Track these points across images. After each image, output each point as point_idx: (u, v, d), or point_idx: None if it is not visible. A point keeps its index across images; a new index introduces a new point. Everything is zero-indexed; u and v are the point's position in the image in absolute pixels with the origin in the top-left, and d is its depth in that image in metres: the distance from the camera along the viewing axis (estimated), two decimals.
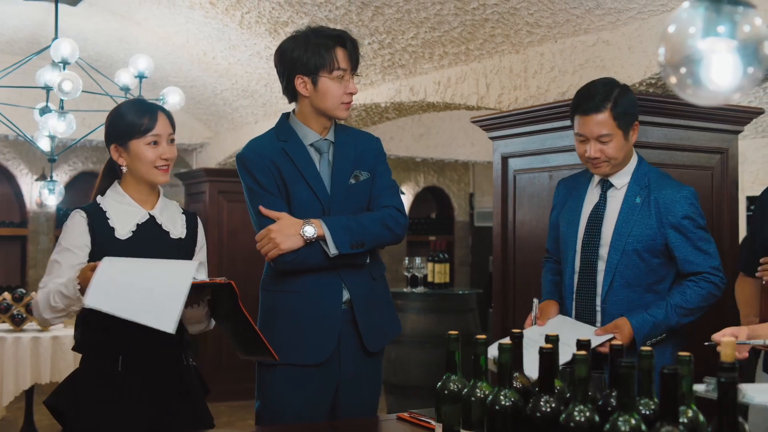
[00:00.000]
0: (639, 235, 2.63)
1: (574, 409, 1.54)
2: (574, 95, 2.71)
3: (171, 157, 2.53)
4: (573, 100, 2.70)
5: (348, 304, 2.68)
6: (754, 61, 1.12)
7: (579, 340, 1.77)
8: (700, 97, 1.13)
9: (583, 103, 2.63)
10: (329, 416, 2.67)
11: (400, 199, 2.78)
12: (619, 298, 2.64)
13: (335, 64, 2.61)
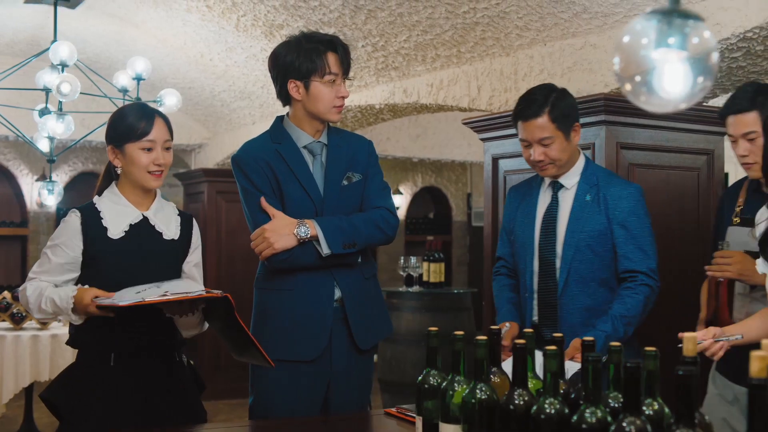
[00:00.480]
0: (591, 231, 2.72)
1: (545, 402, 1.61)
2: (516, 103, 2.79)
3: (165, 163, 2.60)
4: (514, 108, 2.78)
5: (340, 302, 2.75)
6: (703, 71, 1.18)
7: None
8: (652, 104, 1.20)
9: (523, 110, 2.73)
10: (321, 411, 2.74)
11: (391, 201, 2.86)
12: (574, 293, 2.72)
13: (326, 68, 2.69)
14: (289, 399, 2.70)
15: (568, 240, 2.73)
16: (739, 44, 3.19)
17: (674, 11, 1.19)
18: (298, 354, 2.70)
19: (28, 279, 2.57)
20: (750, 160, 2.62)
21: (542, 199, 2.86)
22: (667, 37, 1.18)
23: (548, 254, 2.78)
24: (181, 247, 2.68)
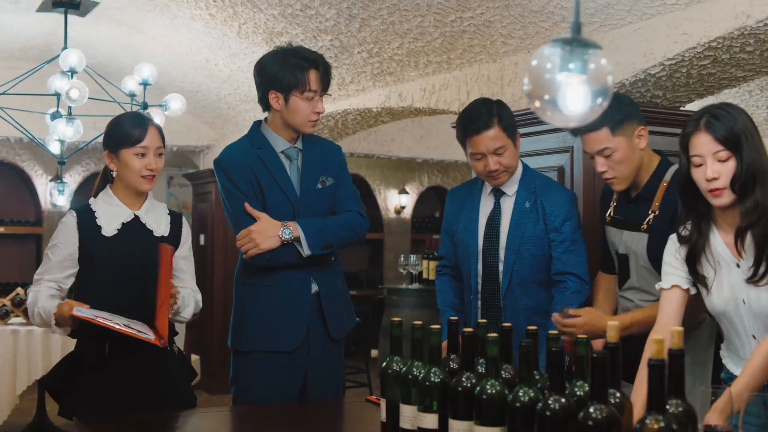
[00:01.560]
0: (530, 236, 2.91)
1: (487, 384, 1.79)
2: (459, 121, 2.95)
3: (156, 168, 2.81)
4: (459, 125, 2.94)
5: (316, 296, 2.95)
6: (600, 92, 1.37)
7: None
8: (557, 120, 1.38)
9: (472, 125, 2.89)
10: (299, 398, 2.94)
11: (362, 204, 3.07)
12: (516, 295, 2.92)
13: (307, 85, 2.87)
14: (269, 387, 2.89)
15: (509, 245, 2.92)
16: (706, 53, 3.35)
17: (575, 40, 1.38)
18: (278, 345, 2.90)
19: (34, 281, 2.79)
20: (610, 175, 2.72)
21: (484, 206, 3.04)
22: (569, 63, 1.36)
23: (491, 259, 2.97)
24: (170, 243, 2.86)
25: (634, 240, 2.74)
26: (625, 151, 2.66)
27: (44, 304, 2.69)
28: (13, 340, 5.32)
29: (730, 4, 3.14)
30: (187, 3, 4.87)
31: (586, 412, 1.54)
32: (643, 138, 2.71)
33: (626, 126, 2.66)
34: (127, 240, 2.79)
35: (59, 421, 5.75)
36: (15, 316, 5.52)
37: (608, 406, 1.54)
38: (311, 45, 4.95)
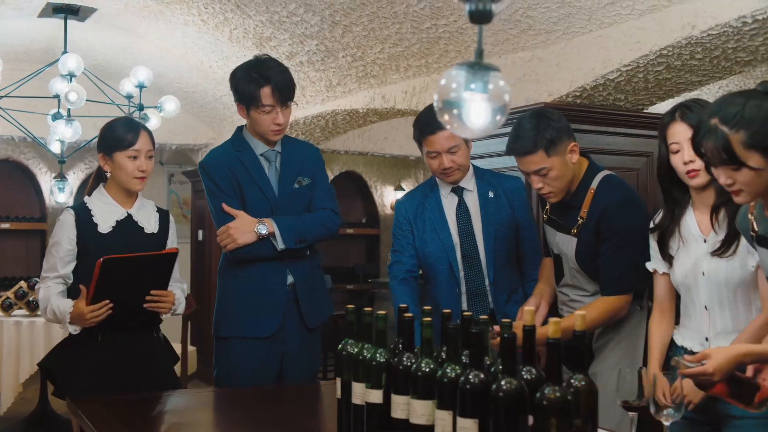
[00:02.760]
0: (502, 221, 3.16)
1: (422, 362, 2.02)
2: (416, 123, 3.17)
3: (147, 170, 3.05)
4: (417, 126, 3.17)
5: (291, 287, 3.19)
6: (499, 109, 1.59)
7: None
8: (464, 131, 1.61)
9: (430, 125, 3.09)
10: (276, 382, 3.18)
11: (335, 202, 3.30)
12: (500, 276, 3.15)
13: (260, 102, 3.09)
14: (248, 371, 3.13)
15: (486, 232, 3.15)
16: (659, 60, 3.57)
17: (478, 64, 1.60)
18: (256, 331, 3.14)
19: (41, 278, 3.04)
20: (546, 191, 2.88)
21: (448, 204, 3.24)
22: (472, 83, 1.59)
23: (470, 250, 3.18)
24: (160, 238, 3.12)
25: (564, 242, 2.95)
26: (560, 168, 2.83)
27: (58, 303, 2.92)
28: (17, 331, 5.59)
29: (677, 16, 3.36)
30: (180, 9, 5.10)
31: (498, 384, 1.77)
32: (575, 153, 2.87)
33: (559, 145, 2.81)
34: (121, 236, 3.03)
35: (61, 409, 6.01)
36: (18, 309, 5.78)
37: (518, 381, 1.77)
38: (298, 50, 5.19)
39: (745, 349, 2.14)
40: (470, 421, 1.82)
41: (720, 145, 2.07)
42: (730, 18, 3.16)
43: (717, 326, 2.49)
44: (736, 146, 2.05)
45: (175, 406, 2.86)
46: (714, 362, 2.09)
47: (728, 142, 2.06)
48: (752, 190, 2.11)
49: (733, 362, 2.09)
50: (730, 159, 2.07)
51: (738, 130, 2.05)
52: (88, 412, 2.55)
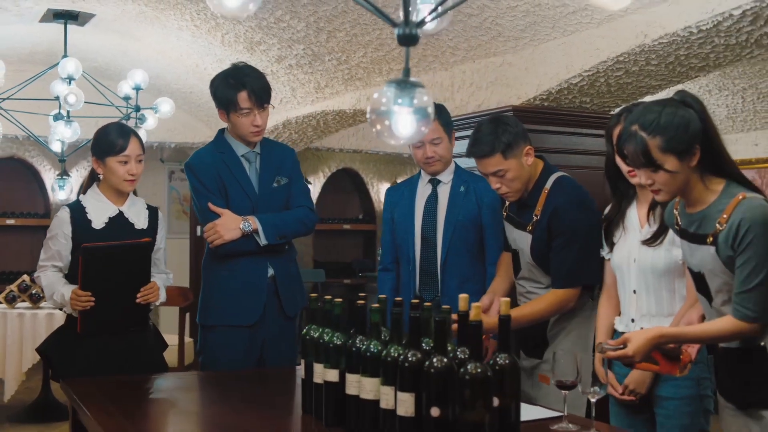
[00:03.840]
0: (466, 214, 3.40)
1: (370, 344, 2.26)
2: None
3: (137, 173, 3.30)
4: None
5: (272, 279, 3.43)
6: (423, 120, 1.83)
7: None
8: (394, 139, 1.85)
9: None
10: (257, 366, 3.42)
11: (311, 201, 3.57)
12: (453, 263, 3.39)
13: (238, 105, 3.34)
14: (231, 356, 3.38)
15: (447, 221, 3.41)
16: (617, 65, 3.80)
17: (405, 81, 1.84)
18: (239, 319, 3.39)
19: (40, 267, 3.30)
20: (504, 191, 3.11)
21: (422, 192, 3.53)
22: (400, 98, 1.83)
23: (429, 233, 3.44)
24: (149, 233, 3.37)
25: (521, 238, 3.18)
26: (516, 170, 3.05)
27: (63, 291, 3.20)
28: (20, 322, 5.86)
29: (631, 25, 3.59)
30: (174, 15, 5.35)
31: (429, 361, 2.01)
32: (530, 155, 3.10)
33: (515, 149, 3.04)
34: (113, 232, 3.29)
35: (63, 398, 6.27)
36: (21, 301, 6.05)
37: (449, 360, 2.01)
38: (287, 53, 5.43)
39: (661, 332, 2.38)
40: (407, 394, 2.06)
41: (639, 149, 2.31)
42: (677, 28, 3.39)
43: (642, 309, 2.74)
44: (654, 150, 2.30)
45: (161, 387, 3.11)
46: (633, 345, 2.33)
47: (646, 147, 2.30)
48: (670, 190, 2.36)
49: (650, 344, 2.33)
50: (648, 162, 2.31)
51: (655, 135, 2.29)
52: (80, 393, 2.80)
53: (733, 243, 2.27)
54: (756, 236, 2.24)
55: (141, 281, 3.23)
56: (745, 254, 2.26)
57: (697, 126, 2.31)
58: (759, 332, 2.32)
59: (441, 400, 1.99)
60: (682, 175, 2.33)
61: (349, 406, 2.30)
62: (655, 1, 3.44)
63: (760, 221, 2.25)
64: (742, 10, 3.15)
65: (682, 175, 2.32)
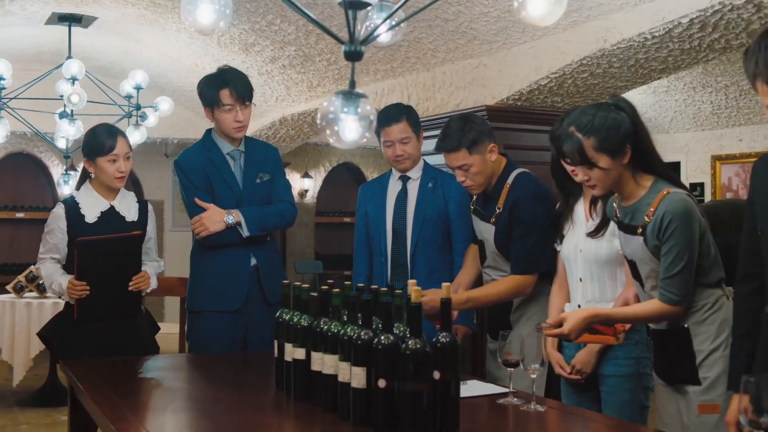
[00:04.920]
0: (434, 208, 3.65)
1: (331, 325, 2.51)
2: (378, 115, 3.67)
3: (125, 170, 3.57)
4: (377, 120, 3.66)
5: (255, 268, 3.69)
6: (365, 126, 2.09)
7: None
8: (342, 144, 2.10)
9: (387, 117, 3.66)
10: (240, 350, 3.68)
11: (292, 196, 3.82)
12: (421, 255, 3.65)
13: (221, 102, 3.60)
14: (216, 340, 3.64)
15: (416, 215, 3.66)
16: (581, 68, 4.05)
17: (351, 93, 2.10)
18: (224, 305, 3.65)
19: (39, 259, 3.58)
20: (468, 184, 3.34)
21: (392, 188, 3.79)
22: (346, 107, 2.08)
23: (400, 227, 3.70)
24: (139, 226, 3.63)
25: (486, 229, 3.42)
26: (480, 165, 3.30)
27: (61, 281, 3.48)
28: (27, 311, 6.17)
29: (593, 30, 3.83)
30: (172, 18, 5.61)
31: (377, 339, 2.26)
32: (494, 152, 3.34)
33: (480, 145, 3.28)
34: (105, 225, 3.56)
35: None
36: (29, 291, 6.35)
37: (395, 338, 2.26)
38: (280, 54, 5.69)
39: (593, 312, 2.64)
40: (360, 369, 2.31)
41: (575, 148, 2.57)
42: (633, 34, 3.63)
43: (588, 295, 2.99)
44: (588, 150, 2.55)
45: (151, 367, 3.37)
46: (569, 324, 2.59)
47: (582, 146, 2.55)
48: (604, 185, 2.61)
49: (583, 323, 2.59)
50: (583, 160, 2.57)
51: (589, 136, 2.55)
52: (77, 372, 3.07)
53: (658, 233, 2.53)
54: (677, 227, 2.50)
55: (132, 270, 3.50)
56: (669, 243, 2.51)
57: (628, 127, 2.57)
58: (682, 315, 2.58)
59: (387, 373, 2.24)
60: (615, 172, 2.58)
61: (314, 381, 2.56)
62: (614, 9, 3.68)
63: (680, 214, 2.50)
64: (689, 18, 3.38)
65: (614, 171, 2.58)
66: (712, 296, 2.60)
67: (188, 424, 2.51)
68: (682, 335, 2.60)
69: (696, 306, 2.59)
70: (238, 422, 2.41)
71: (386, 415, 2.22)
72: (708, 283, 2.60)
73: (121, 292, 3.49)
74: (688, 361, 2.60)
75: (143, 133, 6.29)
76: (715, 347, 2.57)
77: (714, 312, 2.59)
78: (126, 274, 3.49)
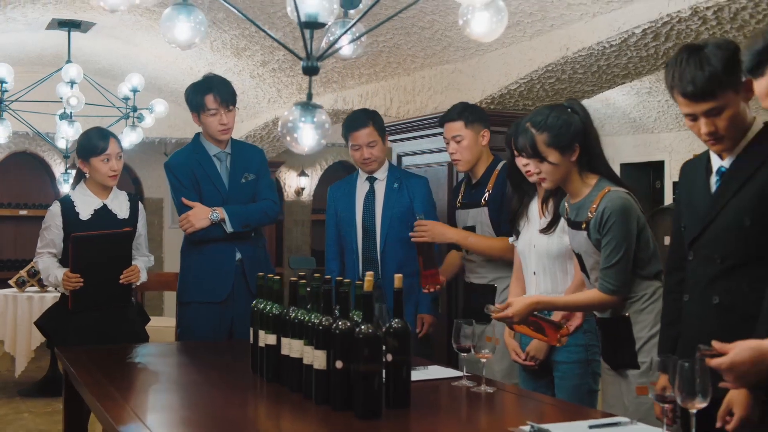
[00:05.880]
0: (400, 208, 3.92)
1: (297, 313, 2.76)
2: (344, 122, 3.95)
3: (117, 169, 3.83)
4: (344, 125, 3.94)
5: (239, 262, 3.95)
6: (321, 133, 2.33)
7: None
8: (298, 149, 2.35)
9: (354, 123, 3.93)
10: (227, 339, 3.94)
11: (276, 194, 4.07)
12: (391, 250, 3.90)
13: (206, 106, 3.85)
14: (204, 329, 3.90)
15: (385, 213, 3.92)
16: (548, 74, 4.29)
17: (308, 104, 2.34)
18: (210, 297, 3.90)
19: (37, 254, 3.84)
20: (457, 157, 3.74)
21: (360, 189, 4.05)
22: (303, 116, 2.33)
23: (369, 225, 3.95)
24: (130, 222, 3.90)
25: (478, 214, 3.71)
26: (470, 140, 3.69)
27: (57, 273, 3.74)
28: (29, 304, 6.44)
29: (556, 39, 4.07)
30: None
31: (335, 324, 2.50)
32: (485, 137, 3.74)
33: (475, 124, 3.71)
34: (98, 222, 3.82)
35: None
36: (30, 285, 6.62)
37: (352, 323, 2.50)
38: (269, 59, 5.94)
39: (538, 299, 2.89)
40: (320, 351, 2.56)
41: (528, 142, 2.83)
42: (592, 42, 3.86)
43: (540, 287, 3.23)
44: (540, 145, 2.81)
45: (140, 354, 3.63)
46: (513, 309, 2.84)
47: (534, 141, 2.81)
48: (552, 179, 2.87)
49: (527, 309, 2.84)
50: (535, 154, 2.83)
51: (542, 132, 2.81)
52: (71, 359, 3.32)
53: (599, 228, 2.78)
54: (615, 222, 2.75)
55: (123, 264, 3.76)
56: (607, 236, 2.76)
57: (578, 127, 2.83)
58: (619, 304, 2.82)
59: (343, 356, 2.48)
60: (563, 168, 2.84)
61: (283, 364, 2.80)
62: (575, 19, 3.92)
63: (619, 210, 2.76)
64: (642, 28, 3.62)
65: (563, 167, 2.83)
66: (650, 287, 2.85)
67: (168, 402, 2.77)
68: (624, 323, 2.84)
69: (636, 296, 2.84)
70: (212, 402, 2.67)
71: (343, 393, 2.46)
72: (646, 275, 2.85)
73: (113, 284, 3.74)
74: (628, 347, 2.84)
75: (139, 134, 6.55)
76: (653, 334, 2.80)
77: (653, 302, 2.84)
78: (117, 268, 3.75)
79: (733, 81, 2.23)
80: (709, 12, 3.39)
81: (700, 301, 2.39)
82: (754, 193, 2.27)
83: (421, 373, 3.01)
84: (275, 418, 2.61)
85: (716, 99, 2.24)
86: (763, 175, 2.26)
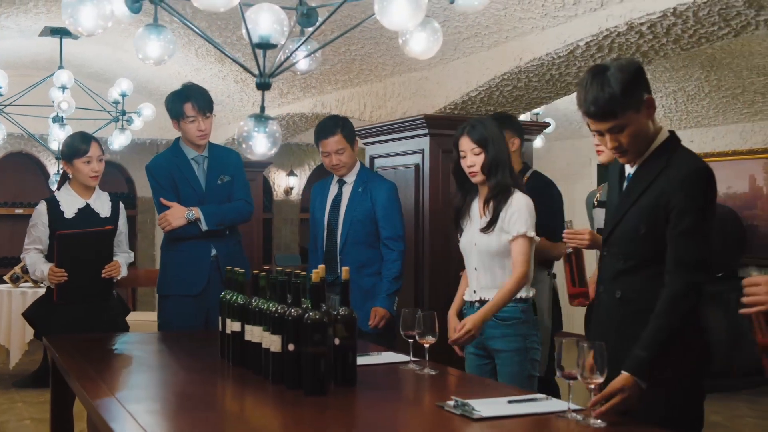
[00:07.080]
0: (362, 210, 4.17)
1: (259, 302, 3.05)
2: (315, 130, 4.21)
3: (99, 170, 4.12)
4: (315, 132, 4.21)
5: (215, 258, 4.24)
6: (273, 141, 2.63)
7: None
8: (254, 155, 2.65)
9: (323, 131, 4.17)
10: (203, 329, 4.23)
11: (250, 195, 4.36)
12: (350, 251, 4.17)
13: (184, 114, 4.15)
14: (182, 320, 4.20)
15: (346, 216, 4.19)
16: (505, 82, 4.58)
17: (261, 116, 2.64)
18: (187, 290, 4.20)
19: (25, 250, 4.13)
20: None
21: (332, 190, 4.31)
22: (256, 127, 2.62)
23: (333, 225, 4.23)
24: (112, 221, 4.19)
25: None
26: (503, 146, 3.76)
27: (43, 268, 4.04)
28: (23, 299, 6.72)
29: (510, 49, 4.37)
30: None
31: (288, 312, 2.79)
32: (515, 144, 4.08)
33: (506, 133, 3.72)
34: (82, 220, 4.12)
35: None
36: (24, 281, 6.92)
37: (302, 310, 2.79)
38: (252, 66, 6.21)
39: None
40: (276, 336, 2.84)
41: None
42: (542, 53, 4.16)
43: (481, 282, 3.51)
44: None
45: (120, 342, 3.92)
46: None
47: None
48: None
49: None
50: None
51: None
52: (57, 347, 3.60)
53: None
54: None
55: (105, 260, 4.06)
56: None
57: None
58: None
59: (294, 339, 2.77)
60: None
61: (246, 349, 3.09)
62: (526, 32, 4.22)
63: None
64: (585, 41, 3.92)
65: None
66: None
67: (140, 382, 3.07)
68: None
69: None
70: (179, 381, 2.97)
71: (294, 374, 2.75)
72: None
73: (95, 278, 4.04)
74: None
75: (128, 136, 6.84)
76: None
77: None
78: (99, 263, 4.05)
79: (631, 102, 2.47)
80: (644, 27, 3.69)
81: (606, 294, 2.69)
82: (650, 202, 2.54)
83: (374, 358, 3.30)
84: (234, 395, 2.90)
85: (617, 118, 2.48)
86: (660, 184, 2.53)
